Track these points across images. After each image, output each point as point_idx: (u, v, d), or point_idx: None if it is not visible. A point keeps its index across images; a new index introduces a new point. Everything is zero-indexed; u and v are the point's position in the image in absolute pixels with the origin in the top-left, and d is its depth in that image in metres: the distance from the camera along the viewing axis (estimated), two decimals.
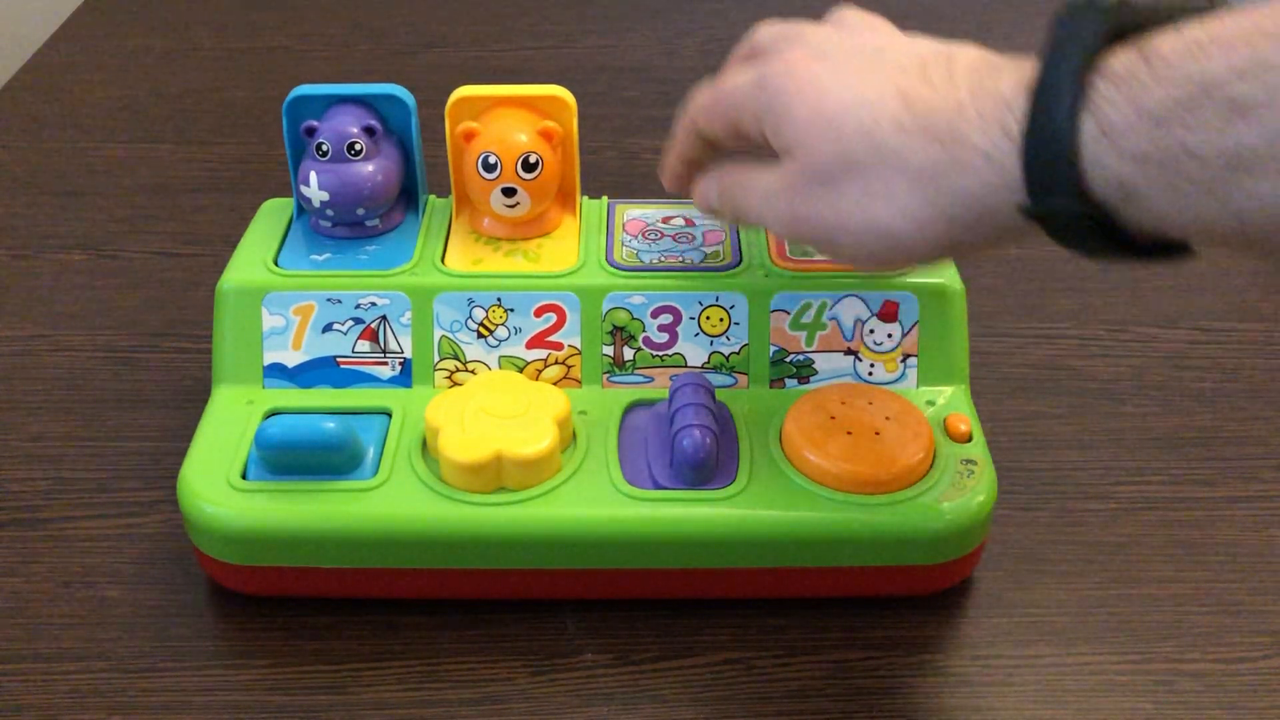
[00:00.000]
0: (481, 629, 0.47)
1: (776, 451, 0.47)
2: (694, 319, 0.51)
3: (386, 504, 0.46)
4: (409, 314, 0.51)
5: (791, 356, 0.51)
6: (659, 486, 0.46)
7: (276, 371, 0.51)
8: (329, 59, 0.92)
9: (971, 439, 0.48)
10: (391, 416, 0.49)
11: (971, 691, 0.45)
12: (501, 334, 0.51)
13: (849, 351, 0.51)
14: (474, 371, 0.51)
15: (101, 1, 1.00)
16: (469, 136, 0.51)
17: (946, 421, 0.49)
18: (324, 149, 0.51)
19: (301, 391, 0.51)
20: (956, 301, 0.51)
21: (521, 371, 0.51)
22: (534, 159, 0.51)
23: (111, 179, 0.77)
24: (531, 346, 0.51)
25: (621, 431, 0.49)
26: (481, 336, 0.51)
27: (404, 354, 0.51)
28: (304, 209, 0.54)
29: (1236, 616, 0.48)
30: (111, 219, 0.73)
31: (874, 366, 0.51)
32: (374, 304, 0.51)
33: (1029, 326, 0.64)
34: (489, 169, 0.51)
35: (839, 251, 0.41)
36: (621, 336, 0.51)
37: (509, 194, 0.51)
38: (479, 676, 0.46)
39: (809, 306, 0.51)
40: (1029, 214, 0.35)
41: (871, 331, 0.51)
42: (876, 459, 0.46)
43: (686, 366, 0.51)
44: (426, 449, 0.48)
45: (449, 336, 0.51)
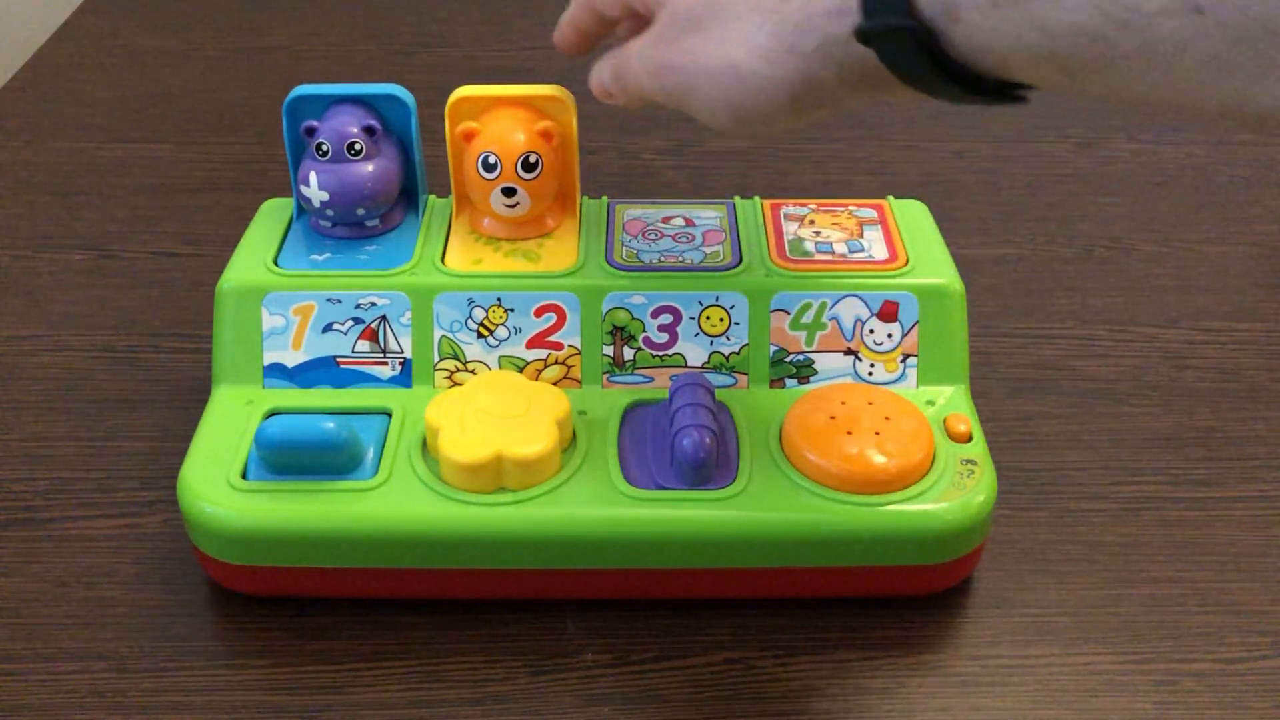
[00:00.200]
0: (481, 629, 0.47)
1: (776, 451, 0.47)
2: (694, 319, 0.51)
3: (386, 504, 0.46)
4: (409, 314, 0.51)
5: (791, 356, 0.51)
6: (659, 486, 0.46)
7: (276, 371, 0.51)
8: (329, 59, 0.92)
9: (971, 439, 0.48)
10: (391, 416, 0.49)
11: (971, 691, 0.45)
12: (501, 334, 0.51)
13: (849, 351, 0.51)
14: (474, 371, 0.51)
15: (101, 1, 1.00)
16: (469, 136, 0.51)
17: (946, 421, 0.49)
18: (324, 149, 0.51)
19: (301, 391, 0.51)
20: (956, 301, 0.51)
21: (521, 371, 0.51)
22: (534, 159, 0.51)
23: (111, 179, 0.77)
24: (531, 346, 0.51)
25: (621, 431, 0.49)
26: (481, 336, 0.51)
27: (404, 354, 0.51)
28: (304, 209, 0.54)
29: (1236, 616, 0.48)
30: (111, 219, 0.73)
31: (874, 366, 0.51)
32: (374, 304, 0.51)
33: (1029, 326, 0.64)
34: (489, 169, 0.51)
35: (699, 102, 0.42)
36: (621, 336, 0.51)
37: (509, 194, 0.51)
38: (479, 676, 0.46)
39: (809, 306, 0.51)
40: (863, 36, 0.36)
41: (871, 331, 0.51)
42: (876, 459, 0.46)
43: (686, 366, 0.51)
44: (426, 449, 0.48)
45: (449, 336, 0.51)
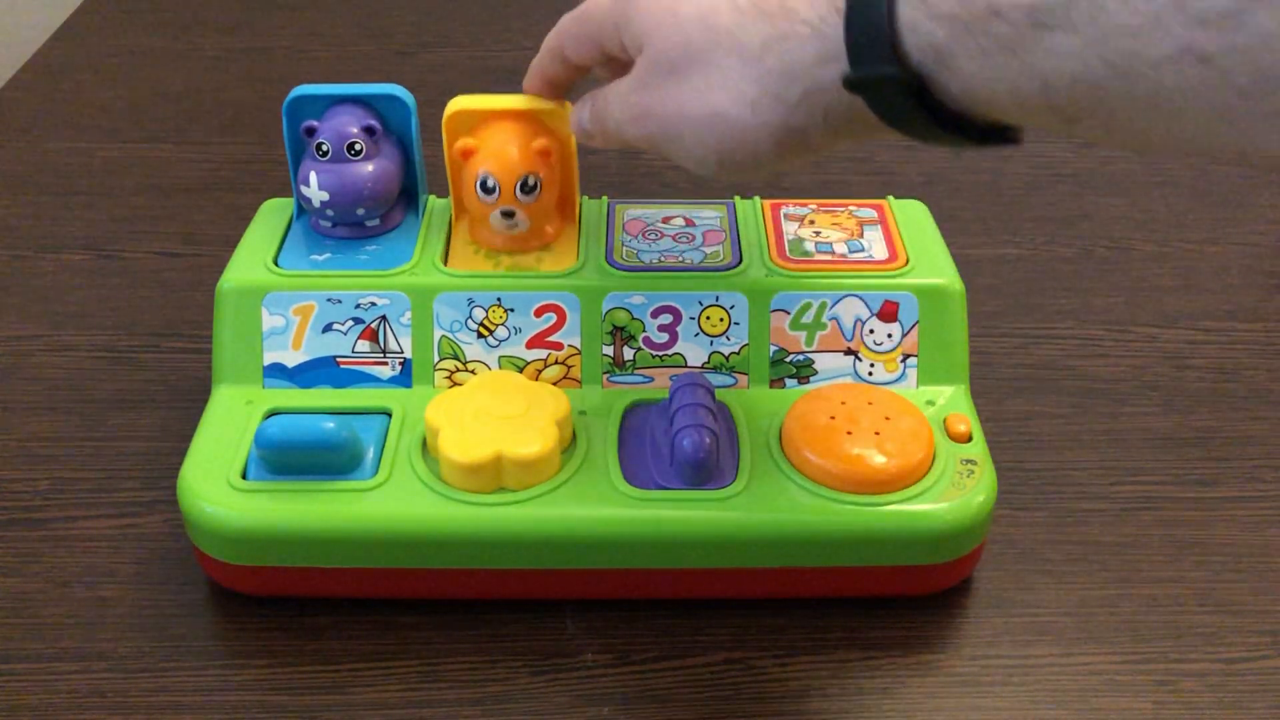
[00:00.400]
0: (481, 629, 0.47)
1: (776, 451, 0.47)
2: (694, 319, 0.51)
3: (386, 504, 0.46)
4: (409, 314, 0.51)
5: (791, 356, 0.51)
6: (659, 486, 0.46)
7: (276, 371, 0.51)
8: (329, 59, 0.92)
9: (971, 439, 0.48)
10: (391, 416, 0.49)
11: (971, 691, 0.45)
12: (501, 334, 0.51)
13: (849, 351, 0.51)
14: (474, 371, 0.51)
15: (101, 1, 1.00)
16: (467, 154, 0.51)
17: (946, 421, 0.49)
18: (324, 149, 0.51)
19: (301, 391, 0.51)
20: (956, 301, 0.51)
21: (521, 371, 0.51)
22: (532, 181, 0.50)
23: (111, 179, 0.77)
24: (531, 346, 0.51)
25: (621, 431, 0.49)
26: (481, 336, 0.51)
27: (404, 354, 0.51)
28: (304, 209, 0.54)
29: (1236, 616, 0.48)
30: (111, 219, 0.73)
31: (874, 366, 0.51)
32: (374, 304, 0.51)
33: (1029, 326, 0.64)
34: (487, 191, 0.51)
35: (683, 150, 0.41)
36: (621, 336, 0.51)
37: (508, 215, 0.51)
38: (479, 676, 0.46)
39: (809, 306, 0.51)
40: (851, 85, 0.36)
41: (871, 331, 0.51)
42: (876, 459, 0.46)
43: (686, 366, 0.51)
44: (426, 449, 0.48)
45: (449, 336, 0.51)
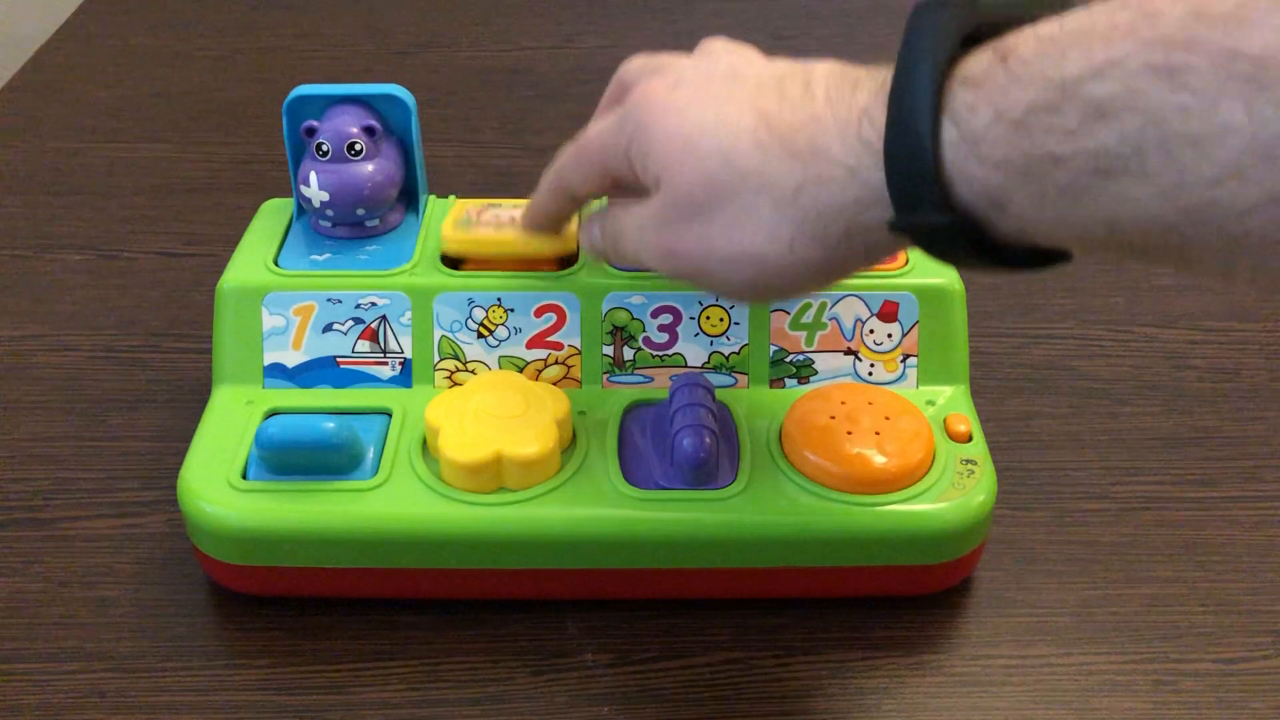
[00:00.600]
0: (481, 629, 0.47)
1: (776, 451, 0.47)
2: (694, 319, 0.51)
3: (386, 504, 0.46)
4: (409, 314, 0.51)
5: (791, 356, 0.51)
6: (659, 486, 0.46)
7: (276, 371, 0.51)
8: (329, 59, 0.92)
9: (971, 439, 0.48)
10: (391, 416, 0.49)
11: (971, 691, 0.45)
12: (501, 334, 0.51)
13: (849, 351, 0.51)
14: (474, 371, 0.51)
15: (101, 2, 1.00)
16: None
17: (946, 421, 0.49)
18: (324, 149, 0.51)
19: (301, 391, 0.51)
20: (956, 301, 0.51)
21: (521, 371, 0.51)
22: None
23: (111, 179, 0.77)
24: (531, 346, 0.51)
25: (621, 431, 0.49)
26: (481, 336, 0.51)
27: (404, 354, 0.51)
28: (304, 209, 0.54)
29: (1236, 616, 0.48)
30: (111, 219, 0.73)
31: (874, 366, 0.51)
32: (374, 304, 0.51)
33: (1029, 326, 0.64)
34: None
35: (715, 285, 0.39)
36: (621, 336, 0.51)
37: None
38: (479, 676, 0.46)
39: (809, 306, 0.51)
40: (897, 229, 0.34)
41: (871, 331, 0.51)
42: (876, 459, 0.46)
43: (686, 366, 0.51)
44: (426, 449, 0.48)
45: (449, 336, 0.51)
